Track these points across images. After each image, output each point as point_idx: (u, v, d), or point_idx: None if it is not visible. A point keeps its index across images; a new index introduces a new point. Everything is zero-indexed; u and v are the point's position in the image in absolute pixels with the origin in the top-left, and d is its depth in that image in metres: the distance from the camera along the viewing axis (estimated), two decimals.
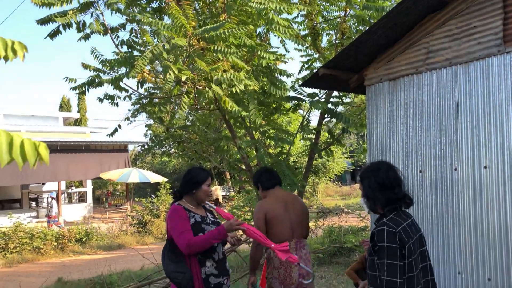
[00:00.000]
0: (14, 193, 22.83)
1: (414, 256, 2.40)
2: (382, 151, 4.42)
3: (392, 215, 2.47)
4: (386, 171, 2.55)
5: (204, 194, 3.33)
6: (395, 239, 2.34)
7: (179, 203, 3.32)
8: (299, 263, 3.49)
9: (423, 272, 2.48)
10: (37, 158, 1.15)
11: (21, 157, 1.11)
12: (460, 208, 3.77)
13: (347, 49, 4.51)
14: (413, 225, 2.50)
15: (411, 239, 2.41)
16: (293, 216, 3.86)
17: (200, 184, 3.30)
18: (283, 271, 3.77)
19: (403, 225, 2.43)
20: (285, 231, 3.79)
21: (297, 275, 3.75)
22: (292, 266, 3.73)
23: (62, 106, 37.30)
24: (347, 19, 5.74)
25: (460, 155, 3.81)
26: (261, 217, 3.75)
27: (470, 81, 3.78)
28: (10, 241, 12.71)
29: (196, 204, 3.35)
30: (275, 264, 3.79)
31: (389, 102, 4.39)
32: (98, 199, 30.11)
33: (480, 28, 3.74)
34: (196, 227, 3.19)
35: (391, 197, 2.50)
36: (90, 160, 19.80)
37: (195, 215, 3.24)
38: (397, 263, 2.32)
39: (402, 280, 2.31)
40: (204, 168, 3.60)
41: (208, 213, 3.44)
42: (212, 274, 3.20)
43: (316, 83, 5.18)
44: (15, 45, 1.23)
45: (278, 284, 3.77)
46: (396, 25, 4.16)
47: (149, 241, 14.87)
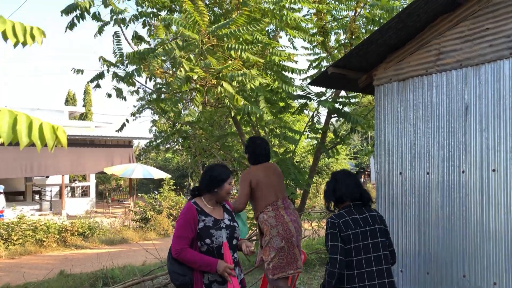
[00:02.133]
0: (18, 185, 22.91)
1: (355, 244, 3.03)
2: (389, 152, 4.40)
3: (341, 211, 3.18)
4: (339, 181, 3.28)
5: (226, 192, 3.25)
6: (334, 227, 3.07)
7: (195, 201, 3.21)
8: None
9: (377, 272, 3.05)
10: (55, 142, 1.15)
11: (40, 140, 1.10)
12: (467, 211, 3.74)
13: (356, 49, 4.49)
14: (364, 219, 3.12)
15: (352, 230, 3.05)
16: (276, 182, 4.31)
17: (223, 181, 3.21)
18: (281, 227, 4.11)
19: (346, 218, 3.10)
20: (271, 194, 4.24)
21: (293, 228, 4.15)
22: (287, 221, 4.14)
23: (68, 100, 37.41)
24: (357, 19, 5.72)
25: (468, 158, 3.79)
26: (246, 185, 4.19)
27: (480, 83, 3.75)
28: (13, 233, 12.76)
29: (215, 203, 3.25)
30: (272, 223, 4.12)
31: (397, 103, 4.37)
32: (101, 194, 30.18)
33: (493, 31, 3.71)
34: (204, 232, 3.08)
35: (339, 199, 3.25)
36: (94, 154, 19.85)
37: (206, 219, 3.13)
38: (337, 244, 3.02)
39: (342, 257, 2.99)
40: (225, 165, 3.53)
41: (226, 213, 3.31)
42: (215, 281, 3.08)
43: (324, 82, 5.16)
44: (34, 30, 1.22)
45: (280, 240, 4.08)
46: (407, 25, 4.14)
47: (151, 236, 14.90)
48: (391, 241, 3.28)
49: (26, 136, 1.08)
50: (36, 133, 1.09)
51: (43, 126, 1.11)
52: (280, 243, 4.06)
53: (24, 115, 1.11)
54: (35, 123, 1.10)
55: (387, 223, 4.23)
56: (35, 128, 1.09)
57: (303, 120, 10.68)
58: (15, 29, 1.18)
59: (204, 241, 3.08)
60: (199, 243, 3.08)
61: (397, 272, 4.19)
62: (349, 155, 27.32)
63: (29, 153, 17.54)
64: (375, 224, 3.14)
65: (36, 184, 23.31)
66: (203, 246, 3.08)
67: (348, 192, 3.21)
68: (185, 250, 3.02)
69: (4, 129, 1.03)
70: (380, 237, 3.12)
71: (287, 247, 4.07)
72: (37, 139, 1.09)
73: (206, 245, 3.08)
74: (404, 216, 4.21)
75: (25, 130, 1.08)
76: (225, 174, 3.24)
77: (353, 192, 3.21)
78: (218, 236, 3.10)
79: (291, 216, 4.23)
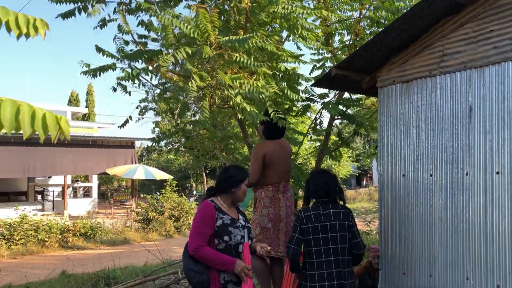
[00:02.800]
0: (21, 185, 22.96)
1: (314, 236, 3.48)
2: (392, 154, 4.39)
3: (308, 206, 3.66)
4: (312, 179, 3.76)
5: (243, 193, 3.28)
6: (297, 220, 3.57)
7: (212, 199, 3.22)
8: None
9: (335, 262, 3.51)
10: (58, 132, 1.14)
11: (43, 130, 1.10)
12: (470, 213, 3.73)
13: (360, 50, 4.48)
14: (326, 215, 3.55)
15: (312, 224, 3.50)
16: (285, 162, 4.38)
17: (240, 182, 3.24)
18: (272, 210, 4.23)
19: (309, 213, 3.55)
20: (277, 175, 4.30)
21: (284, 213, 4.27)
22: (281, 206, 4.26)
23: (71, 101, 37.51)
24: (361, 20, 5.71)
25: (472, 160, 3.77)
26: (259, 159, 4.20)
27: (484, 85, 3.74)
28: (16, 232, 12.77)
29: (230, 204, 3.26)
30: (265, 203, 4.24)
31: (401, 105, 4.36)
32: (103, 195, 30.22)
33: (497, 32, 3.70)
34: (223, 229, 3.08)
35: (309, 196, 3.75)
36: (97, 155, 19.90)
37: (224, 217, 3.14)
38: (295, 235, 3.50)
39: (295, 247, 3.47)
40: (241, 166, 3.59)
41: (240, 215, 3.33)
42: (231, 281, 3.08)
43: (327, 83, 5.15)
44: (37, 22, 1.22)
45: (267, 221, 4.22)
46: (411, 27, 4.13)
47: (153, 237, 14.90)
48: (355, 233, 3.69)
49: (29, 125, 1.07)
50: (39, 122, 1.09)
51: (46, 116, 1.10)
52: (267, 224, 4.20)
53: (26, 105, 1.10)
54: (38, 112, 1.10)
55: (389, 224, 4.23)
56: (38, 117, 1.09)
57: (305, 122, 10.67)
58: (18, 21, 1.18)
59: (222, 239, 3.07)
60: (217, 240, 3.08)
61: (399, 274, 4.17)
62: (351, 157, 27.28)
63: (32, 153, 17.59)
64: (336, 220, 3.57)
65: (39, 184, 23.36)
66: (221, 244, 3.07)
67: (315, 190, 3.67)
68: (203, 247, 3.01)
69: (6, 119, 1.02)
70: (340, 231, 3.57)
71: (273, 229, 4.21)
72: (40, 128, 1.09)
73: (224, 242, 3.07)
74: (407, 218, 4.19)
75: (28, 119, 1.07)
76: (242, 175, 3.29)
77: (319, 190, 3.65)
78: (236, 234, 3.11)
79: (286, 201, 4.35)
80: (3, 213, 15.60)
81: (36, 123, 1.08)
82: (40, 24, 1.21)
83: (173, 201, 16.89)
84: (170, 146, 11.43)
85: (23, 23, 1.18)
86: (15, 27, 1.18)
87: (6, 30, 1.17)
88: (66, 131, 1.18)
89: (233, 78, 4.22)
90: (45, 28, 1.24)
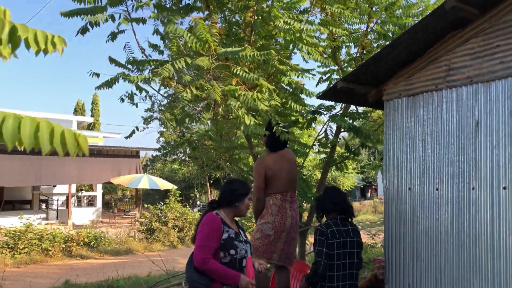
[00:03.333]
0: (25, 194, 23.02)
1: (337, 251, 3.72)
2: (398, 167, 4.39)
3: (328, 221, 3.84)
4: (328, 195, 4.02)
5: (246, 207, 3.28)
6: (322, 235, 3.72)
7: (217, 212, 3.21)
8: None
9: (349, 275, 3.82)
10: (76, 148, 1.16)
11: (62, 147, 1.12)
12: (477, 228, 3.71)
13: (366, 63, 4.51)
14: (347, 232, 3.83)
15: (336, 239, 3.73)
16: (289, 172, 4.42)
17: (244, 196, 3.24)
18: (279, 219, 4.27)
19: (333, 228, 3.77)
20: (283, 184, 4.35)
21: (289, 224, 4.31)
22: (287, 216, 4.30)
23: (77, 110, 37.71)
24: (369, 33, 5.75)
25: (478, 175, 3.76)
26: (261, 174, 4.26)
27: (491, 100, 3.74)
28: (20, 241, 12.78)
29: (232, 218, 3.26)
30: (273, 211, 4.29)
31: (407, 118, 4.37)
32: (107, 204, 30.22)
33: (503, 48, 3.72)
34: (229, 242, 3.09)
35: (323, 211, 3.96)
36: (101, 164, 19.95)
37: (229, 230, 3.14)
38: (323, 250, 3.67)
39: (325, 261, 3.66)
40: (244, 180, 3.60)
41: (241, 230, 3.33)
42: None
43: (333, 96, 5.18)
44: (55, 38, 1.25)
45: (270, 228, 4.26)
46: (417, 41, 4.15)
47: (156, 248, 14.87)
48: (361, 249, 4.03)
49: (48, 142, 1.09)
50: (58, 139, 1.10)
51: (65, 133, 1.12)
52: (269, 231, 4.24)
53: (45, 122, 1.12)
54: (57, 129, 1.12)
55: (395, 238, 4.23)
56: (57, 134, 1.11)
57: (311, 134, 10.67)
58: (37, 37, 1.21)
59: (228, 252, 3.07)
60: (222, 253, 3.07)
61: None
62: (356, 169, 27.20)
63: (36, 162, 17.66)
64: (354, 237, 3.90)
65: (43, 193, 23.41)
66: (227, 257, 3.07)
67: (334, 206, 3.90)
68: (209, 260, 3.00)
69: (26, 136, 1.04)
70: (356, 248, 3.90)
71: (273, 237, 4.25)
72: (59, 145, 1.11)
73: (230, 256, 3.07)
74: (412, 232, 4.18)
75: (47, 136, 1.09)
76: (245, 189, 3.29)
77: (338, 206, 3.91)
78: (241, 248, 3.10)
79: (293, 212, 4.40)
80: (8, 222, 15.63)
81: (55, 140, 1.10)
82: (58, 41, 1.24)
83: (176, 211, 16.88)
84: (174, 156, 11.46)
85: (42, 39, 1.21)
86: (34, 43, 1.21)
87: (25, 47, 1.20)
88: (85, 147, 1.20)
89: (230, 90, 4.26)
90: (63, 45, 1.27)
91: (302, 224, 6.32)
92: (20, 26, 1.17)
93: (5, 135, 1.03)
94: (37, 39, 1.21)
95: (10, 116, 1.05)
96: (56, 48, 1.25)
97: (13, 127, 1.03)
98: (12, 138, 1.03)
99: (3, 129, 1.02)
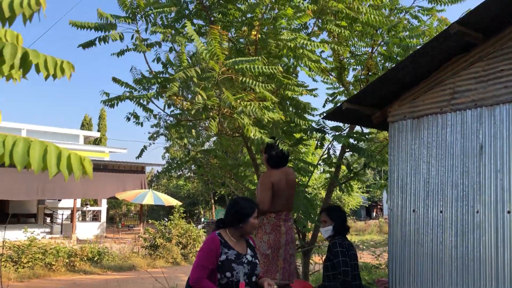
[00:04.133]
0: (31, 207, 23.09)
1: (353, 262, 3.96)
2: (402, 189, 4.39)
3: (340, 237, 4.05)
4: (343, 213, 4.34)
5: (252, 227, 3.26)
6: (343, 247, 3.91)
7: (220, 232, 3.21)
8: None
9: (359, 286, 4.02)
10: (81, 172, 1.20)
11: (68, 170, 1.15)
12: (481, 252, 3.69)
13: (371, 85, 4.54)
14: (350, 245, 4.07)
15: (352, 251, 4.00)
16: (289, 192, 4.44)
17: (248, 217, 3.21)
18: (273, 236, 4.27)
19: (346, 242, 4.04)
20: (282, 203, 4.35)
21: (284, 241, 4.29)
22: (281, 232, 4.29)
23: (84, 125, 37.98)
24: (374, 56, 5.80)
25: (482, 198, 3.76)
26: (269, 188, 4.25)
27: (495, 123, 3.76)
28: (23, 255, 12.77)
29: (239, 237, 3.25)
30: (267, 230, 4.30)
31: (412, 140, 4.38)
32: (111, 219, 30.22)
33: (507, 72, 3.74)
34: (226, 264, 3.08)
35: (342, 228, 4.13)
36: (107, 179, 19.99)
37: (229, 252, 3.13)
38: (346, 259, 3.84)
39: (350, 269, 3.83)
40: (250, 199, 3.55)
41: (249, 248, 3.31)
42: None
43: (339, 116, 5.21)
44: (64, 64, 1.30)
45: (267, 247, 4.25)
46: (422, 64, 4.19)
47: (160, 264, 14.81)
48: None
49: (55, 166, 1.13)
50: (64, 163, 1.14)
51: (71, 157, 1.16)
52: (267, 250, 4.23)
53: (53, 146, 1.16)
54: (64, 153, 1.15)
55: (399, 260, 4.22)
56: (64, 158, 1.15)
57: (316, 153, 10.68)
58: (47, 63, 1.26)
59: (224, 274, 3.07)
60: (220, 275, 3.08)
61: None
62: (362, 188, 27.10)
63: (42, 176, 17.71)
64: (355, 251, 4.14)
65: (48, 207, 23.46)
66: (223, 279, 3.08)
67: (344, 224, 4.18)
68: (203, 280, 3.02)
69: (35, 159, 1.08)
70: (356, 260, 4.11)
71: (271, 256, 4.23)
72: (65, 168, 1.15)
73: (226, 278, 3.08)
74: (416, 254, 4.16)
75: (54, 160, 1.13)
76: (250, 209, 3.25)
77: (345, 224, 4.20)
78: (239, 270, 3.09)
79: (287, 229, 4.40)
80: (13, 235, 15.64)
81: (61, 163, 1.14)
82: (67, 66, 1.29)
83: (181, 228, 16.83)
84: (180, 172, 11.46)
85: (51, 65, 1.26)
86: (44, 68, 1.25)
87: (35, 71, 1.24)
88: (89, 171, 1.23)
89: (237, 98, 4.30)
90: (71, 70, 1.31)
91: (305, 244, 6.29)
92: (31, 52, 1.22)
93: (15, 159, 1.07)
94: (47, 64, 1.26)
95: (20, 140, 1.10)
96: (65, 73, 1.30)
97: (23, 151, 1.08)
98: (22, 162, 1.07)
99: (13, 152, 1.06)
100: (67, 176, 1.16)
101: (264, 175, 4.47)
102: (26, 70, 1.25)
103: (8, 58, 1.17)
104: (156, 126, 6.77)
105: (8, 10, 1.22)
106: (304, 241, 6.32)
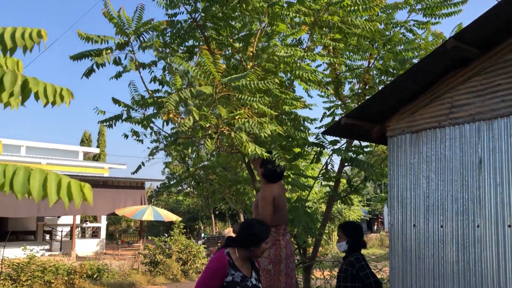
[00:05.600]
0: (30, 225, 22.97)
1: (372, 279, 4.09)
2: (402, 204, 4.38)
3: (358, 252, 4.22)
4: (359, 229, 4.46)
5: (262, 252, 3.24)
6: (364, 261, 4.13)
7: (228, 251, 3.19)
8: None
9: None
10: (81, 199, 1.20)
11: (68, 197, 1.16)
12: (483, 266, 3.67)
13: (369, 100, 4.56)
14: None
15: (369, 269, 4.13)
16: (285, 205, 4.56)
17: (261, 241, 3.19)
18: (273, 251, 4.28)
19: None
20: (281, 217, 4.42)
21: (284, 254, 4.32)
22: (281, 246, 4.32)
23: (83, 141, 37.97)
24: (370, 69, 5.84)
25: (483, 212, 3.75)
26: (270, 202, 4.31)
27: (494, 137, 3.77)
28: (23, 273, 12.65)
29: (246, 258, 3.23)
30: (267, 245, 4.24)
31: (411, 155, 4.39)
32: (111, 235, 30.05)
33: (505, 86, 3.77)
34: (231, 285, 3.07)
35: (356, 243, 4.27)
36: (106, 195, 19.95)
37: (235, 273, 3.11)
38: (372, 271, 4.10)
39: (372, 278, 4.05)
40: (265, 223, 3.49)
41: (254, 271, 3.29)
42: None
43: (337, 131, 5.22)
44: (63, 91, 1.31)
45: (267, 263, 4.26)
46: (419, 79, 4.22)
47: (159, 281, 14.69)
48: None
49: (55, 193, 1.14)
50: (64, 190, 1.15)
51: (71, 184, 1.17)
52: (268, 266, 4.24)
53: (53, 174, 1.17)
54: (64, 181, 1.16)
55: (400, 275, 4.20)
56: (64, 186, 1.15)
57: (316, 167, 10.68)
58: (46, 90, 1.27)
59: None
60: None
61: None
62: (362, 201, 27.02)
63: None
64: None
65: (48, 224, 23.34)
66: None
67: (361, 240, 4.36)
68: None
69: (35, 188, 1.09)
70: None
71: (273, 271, 4.24)
72: (65, 196, 1.15)
73: None
74: (417, 269, 4.14)
75: (54, 188, 1.14)
76: (264, 234, 3.22)
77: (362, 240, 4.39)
78: None
79: (287, 243, 4.43)
80: (12, 253, 15.53)
81: (61, 191, 1.15)
82: (66, 94, 1.30)
83: (181, 244, 16.73)
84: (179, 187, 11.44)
85: (51, 93, 1.27)
86: (43, 96, 1.27)
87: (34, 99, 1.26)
88: (89, 198, 1.24)
89: (233, 115, 4.33)
90: (70, 97, 1.32)
91: (306, 259, 6.26)
92: (31, 80, 1.23)
93: (15, 187, 1.08)
94: (47, 92, 1.27)
95: (21, 169, 1.11)
96: (64, 100, 1.31)
97: (23, 180, 1.09)
98: (22, 190, 1.08)
99: (14, 182, 1.07)
100: (67, 203, 1.16)
101: (264, 190, 4.48)
102: (26, 97, 1.26)
103: (8, 86, 1.18)
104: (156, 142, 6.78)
105: (11, 41, 1.24)
106: (305, 256, 6.28)
